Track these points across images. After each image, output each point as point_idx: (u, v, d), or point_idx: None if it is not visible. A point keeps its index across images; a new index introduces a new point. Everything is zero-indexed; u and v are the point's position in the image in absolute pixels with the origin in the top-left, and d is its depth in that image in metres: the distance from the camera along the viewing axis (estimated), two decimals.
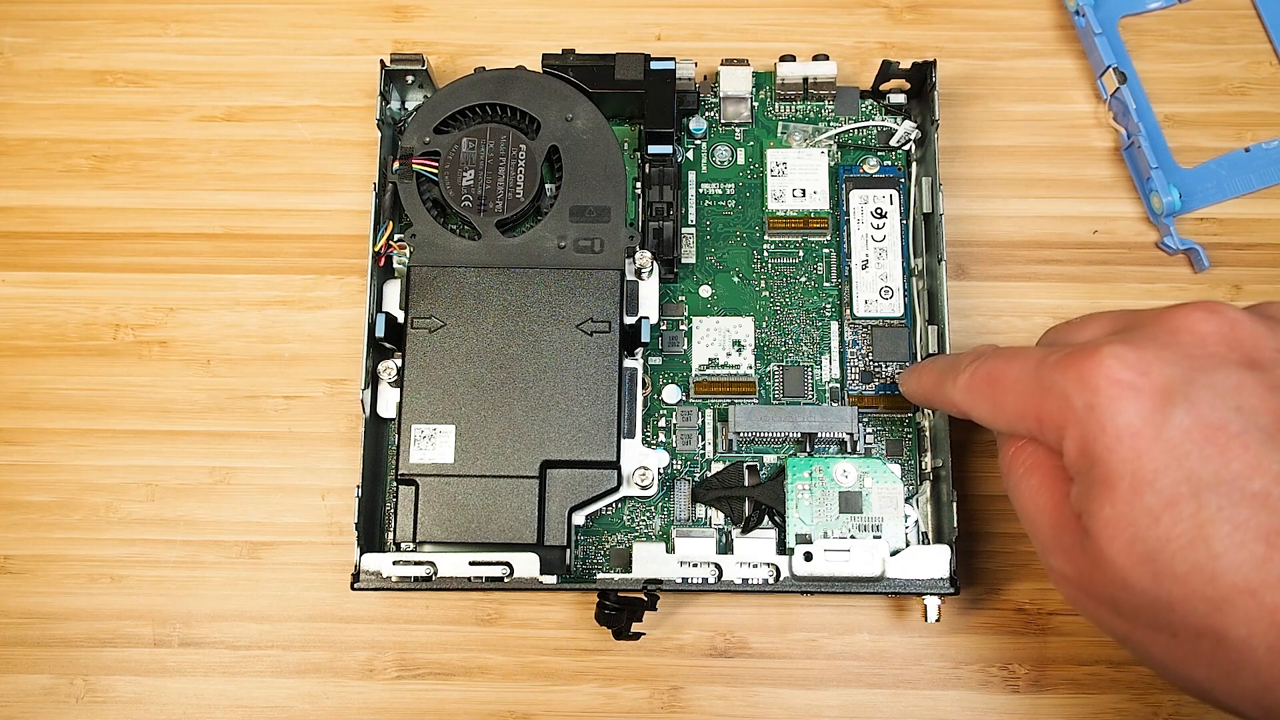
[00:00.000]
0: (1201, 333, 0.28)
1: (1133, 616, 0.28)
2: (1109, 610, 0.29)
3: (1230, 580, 0.25)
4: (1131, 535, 0.27)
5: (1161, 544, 0.26)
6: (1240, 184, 0.45)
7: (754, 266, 0.44)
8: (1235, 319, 0.29)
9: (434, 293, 0.40)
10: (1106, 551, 0.27)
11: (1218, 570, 0.26)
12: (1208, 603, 0.26)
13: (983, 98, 0.46)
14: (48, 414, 0.43)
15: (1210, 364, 0.28)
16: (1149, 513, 0.27)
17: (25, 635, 0.42)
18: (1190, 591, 0.26)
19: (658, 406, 0.42)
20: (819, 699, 0.41)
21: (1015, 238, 0.45)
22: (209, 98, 0.47)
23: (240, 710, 0.41)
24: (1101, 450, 0.27)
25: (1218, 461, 0.26)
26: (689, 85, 0.44)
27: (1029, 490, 0.31)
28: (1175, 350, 0.28)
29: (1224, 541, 0.26)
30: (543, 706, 0.41)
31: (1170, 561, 0.26)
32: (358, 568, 0.39)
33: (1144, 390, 0.27)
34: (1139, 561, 0.27)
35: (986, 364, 0.32)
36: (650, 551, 0.39)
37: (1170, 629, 0.27)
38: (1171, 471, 0.26)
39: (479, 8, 0.48)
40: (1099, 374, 0.28)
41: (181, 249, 0.45)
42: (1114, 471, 0.27)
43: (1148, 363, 0.28)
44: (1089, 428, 0.28)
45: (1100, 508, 0.28)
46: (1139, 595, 0.27)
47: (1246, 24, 0.47)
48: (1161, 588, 0.27)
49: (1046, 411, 0.29)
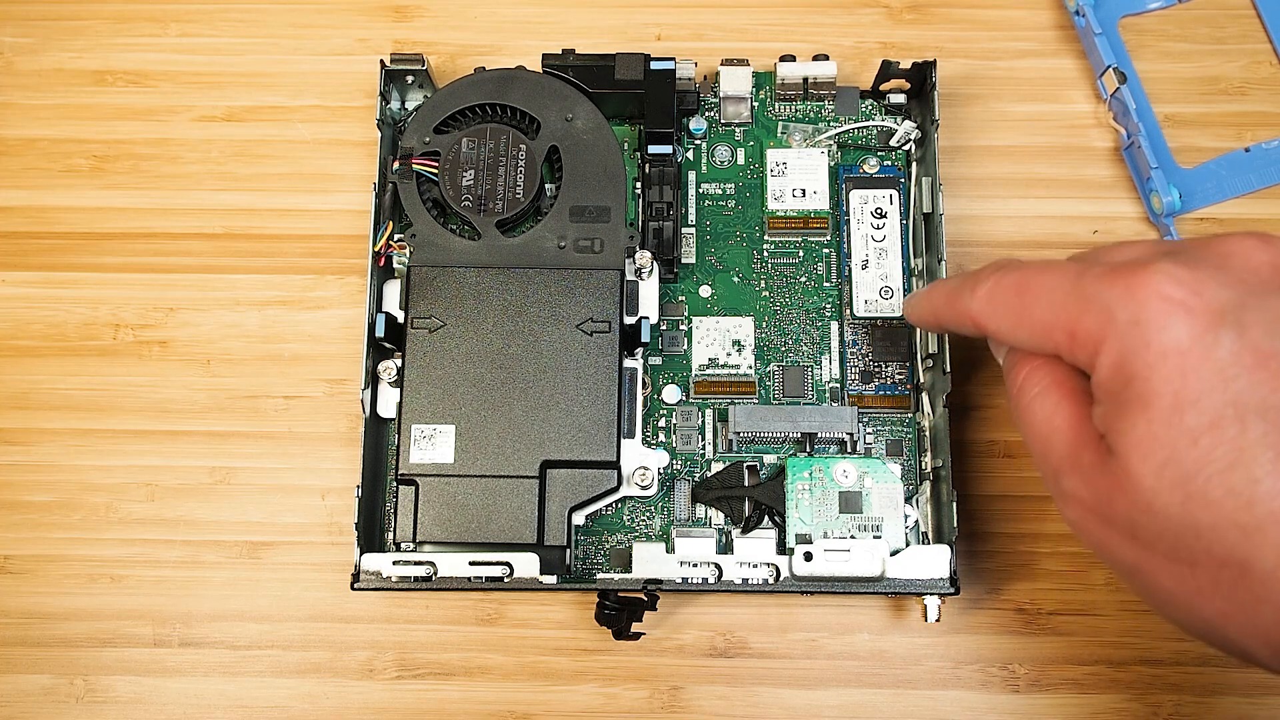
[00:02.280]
0: (1256, 260, 0.28)
1: (1150, 544, 0.27)
2: (1124, 536, 0.28)
3: (1268, 508, 0.25)
4: (1166, 456, 0.26)
5: (1198, 466, 0.26)
6: (1240, 184, 0.45)
7: (754, 266, 0.44)
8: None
9: (434, 293, 0.40)
10: (1135, 472, 0.26)
11: (1255, 496, 0.25)
12: (1239, 530, 0.25)
13: (983, 98, 0.46)
14: (48, 414, 0.44)
15: (1264, 290, 0.27)
16: (1188, 433, 0.26)
17: (25, 635, 0.42)
18: (1222, 517, 0.25)
19: (658, 406, 0.42)
20: (819, 699, 0.41)
21: (1015, 238, 0.45)
22: (209, 98, 0.47)
23: (240, 710, 0.41)
24: (1142, 366, 0.26)
25: (1267, 388, 0.25)
26: (689, 85, 0.44)
27: (1045, 409, 0.30)
28: (1229, 274, 0.27)
29: (1265, 468, 0.25)
30: (543, 706, 0.41)
31: (1205, 485, 0.25)
32: (358, 568, 0.39)
33: (1195, 309, 0.26)
34: (1171, 484, 0.26)
35: (1014, 273, 0.31)
36: (650, 551, 0.39)
37: (1190, 558, 0.26)
38: (1217, 394, 0.26)
39: (479, 8, 0.48)
40: (1149, 288, 0.27)
41: (181, 249, 0.45)
42: (1154, 389, 0.26)
43: (1201, 282, 0.27)
44: (1132, 343, 0.27)
45: (1132, 425, 0.27)
46: (1163, 520, 0.26)
47: (1246, 24, 0.47)
48: (1190, 512, 0.26)
49: (1083, 325, 0.28)
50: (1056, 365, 0.30)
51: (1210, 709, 0.40)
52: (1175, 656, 0.40)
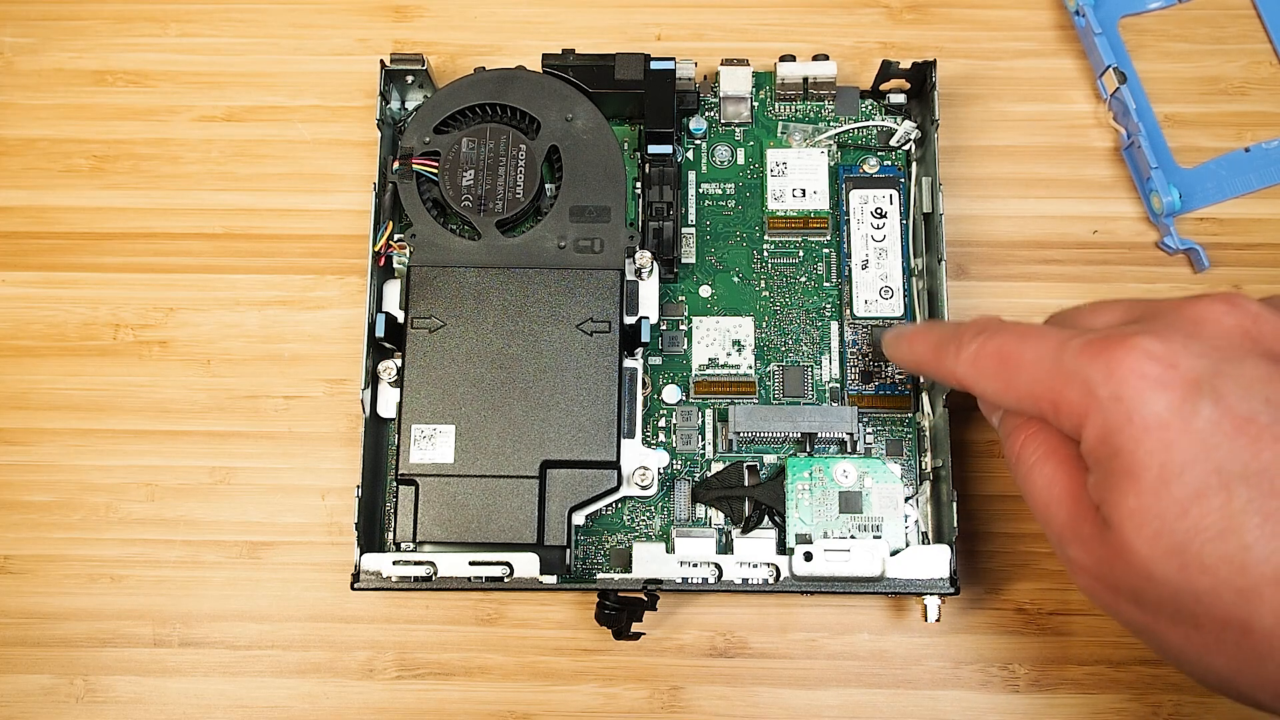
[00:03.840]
0: (1225, 325, 0.28)
1: (1155, 608, 0.28)
2: (1129, 602, 0.28)
3: (1261, 571, 0.25)
4: (1158, 527, 0.27)
5: (1190, 535, 0.26)
6: (1240, 184, 0.45)
7: (754, 266, 0.44)
8: (1257, 313, 0.29)
9: (434, 293, 0.40)
10: (1130, 543, 0.27)
11: (1248, 561, 0.25)
12: (1236, 593, 0.26)
13: (983, 98, 0.46)
14: (48, 414, 0.43)
15: (1236, 356, 0.27)
16: (1177, 504, 0.26)
17: (25, 635, 0.42)
18: (1219, 582, 0.26)
19: (658, 406, 0.42)
20: (819, 699, 0.41)
21: (1015, 238, 0.45)
22: (209, 98, 0.47)
23: (240, 710, 0.41)
24: (1126, 441, 0.27)
25: (1248, 453, 0.26)
26: (689, 85, 0.44)
27: (1043, 479, 0.31)
28: (1201, 342, 0.28)
29: (1255, 533, 0.25)
30: (543, 706, 0.41)
31: (1199, 553, 0.26)
32: (358, 568, 0.39)
33: (1172, 382, 0.27)
34: (1165, 553, 0.26)
35: (996, 339, 0.31)
36: (650, 551, 0.39)
37: (1194, 620, 0.27)
38: (1200, 463, 0.26)
39: (479, 8, 0.48)
40: (1126, 364, 0.27)
41: (181, 249, 0.45)
42: (1139, 462, 0.27)
43: (1175, 354, 0.27)
44: (1114, 417, 0.27)
45: (1123, 498, 0.27)
46: (1163, 586, 0.27)
47: (1246, 24, 0.47)
48: (1188, 579, 0.26)
49: (1066, 398, 0.29)
50: (1052, 432, 0.31)
51: (1210, 709, 0.40)
52: None
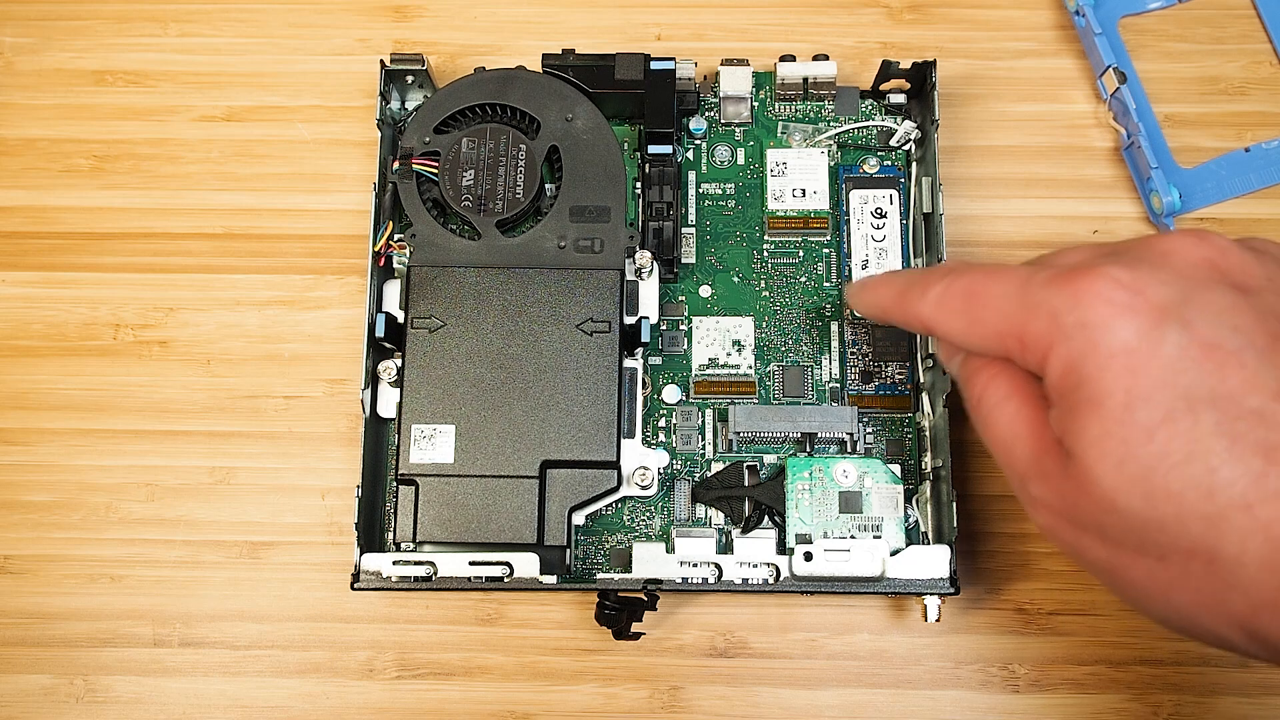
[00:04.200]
0: (1193, 257, 0.28)
1: (1118, 541, 0.27)
2: (1093, 537, 0.28)
3: (1227, 495, 0.25)
4: (1122, 453, 0.26)
5: (1155, 461, 0.26)
6: (1240, 184, 0.45)
7: (754, 266, 0.44)
8: (1224, 246, 0.29)
9: (434, 293, 0.40)
10: (1094, 471, 0.27)
11: (1214, 485, 0.25)
12: (1203, 520, 0.25)
13: (983, 98, 0.46)
14: (48, 414, 0.44)
15: (1204, 285, 0.27)
16: (1142, 430, 0.26)
17: (25, 635, 0.42)
18: (1184, 509, 0.26)
19: (658, 406, 0.42)
20: (819, 699, 0.41)
21: (1015, 238, 0.45)
22: (209, 98, 0.47)
23: (240, 710, 0.41)
24: (1092, 368, 0.27)
25: (1214, 378, 0.26)
26: (689, 85, 0.44)
27: (1006, 417, 0.30)
28: (1169, 271, 0.28)
29: (1221, 456, 0.25)
30: (543, 706, 0.41)
31: (1165, 479, 0.26)
32: (358, 568, 0.39)
33: (1139, 308, 0.27)
34: (1130, 481, 0.26)
35: (964, 278, 0.31)
36: (650, 551, 0.39)
37: (1159, 552, 0.26)
38: (1167, 388, 0.26)
39: (479, 8, 0.48)
40: (1093, 291, 0.27)
41: (181, 249, 0.45)
42: (1105, 389, 0.26)
43: (1143, 281, 0.27)
44: (1079, 345, 0.27)
45: (1087, 427, 0.27)
46: (1128, 517, 0.26)
47: (1246, 24, 0.47)
48: (1154, 507, 0.26)
49: (1032, 329, 0.28)
50: (1014, 371, 0.30)
51: (1210, 709, 0.40)
52: (1175, 656, 0.40)
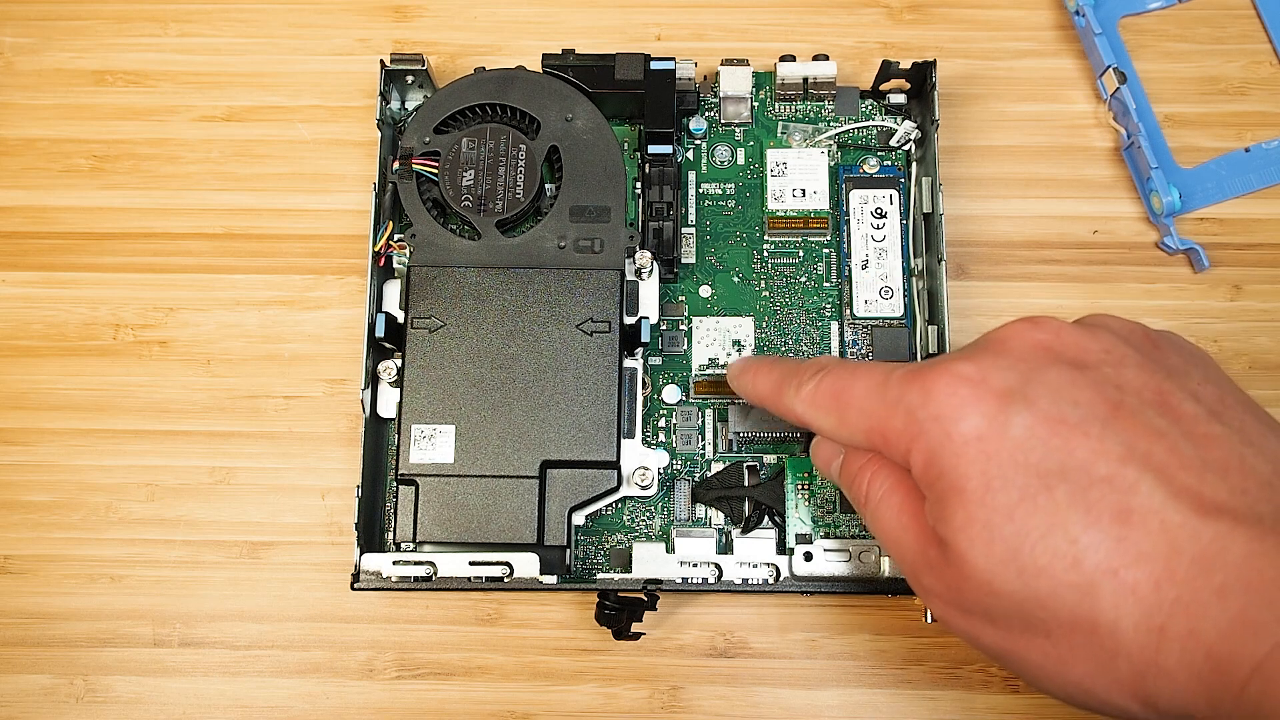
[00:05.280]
0: (1030, 341, 0.29)
1: (1006, 624, 0.28)
2: (983, 622, 0.29)
3: (1092, 562, 0.26)
4: (988, 536, 0.27)
5: (1019, 539, 0.27)
6: (1240, 184, 0.45)
7: (754, 266, 0.44)
8: (1057, 327, 0.30)
9: (434, 293, 0.40)
10: (967, 557, 0.27)
11: (1078, 554, 0.26)
12: (1074, 590, 0.26)
13: (983, 98, 0.46)
14: (48, 414, 0.44)
15: (1042, 366, 0.28)
16: (1003, 510, 0.27)
17: (25, 635, 0.42)
18: (1056, 582, 0.26)
19: (658, 406, 0.42)
20: (819, 699, 0.41)
21: (1015, 238, 0.45)
22: (209, 98, 0.47)
23: (240, 710, 0.41)
24: (949, 457, 0.28)
25: (1062, 451, 0.27)
26: (689, 85, 0.44)
27: (890, 513, 0.31)
28: (1008, 357, 0.29)
29: (1079, 525, 0.26)
30: (543, 706, 0.41)
31: (1031, 554, 0.26)
32: (358, 568, 0.39)
33: (984, 396, 0.28)
34: (1001, 562, 0.27)
35: (830, 377, 0.32)
36: (650, 551, 0.39)
37: (1044, 629, 0.27)
38: (1020, 468, 0.27)
39: (479, 8, 0.48)
40: (940, 384, 0.28)
41: (181, 249, 0.45)
42: (963, 476, 0.27)
43: (985, 371, 0.28)
44: (935, 437, 0.28)
45: (954, 514, 0.28)
46: (1007, 598, 0.27)
47: (1246, 24, 0.47)
48: (1027, 584, 0.27)
49: (892, 426, 0.30)
50: (893, 467, 0.32)
51: None
52: None
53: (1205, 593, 0.25)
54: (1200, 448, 0.27)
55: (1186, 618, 0.25)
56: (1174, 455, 0.26)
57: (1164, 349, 0.30)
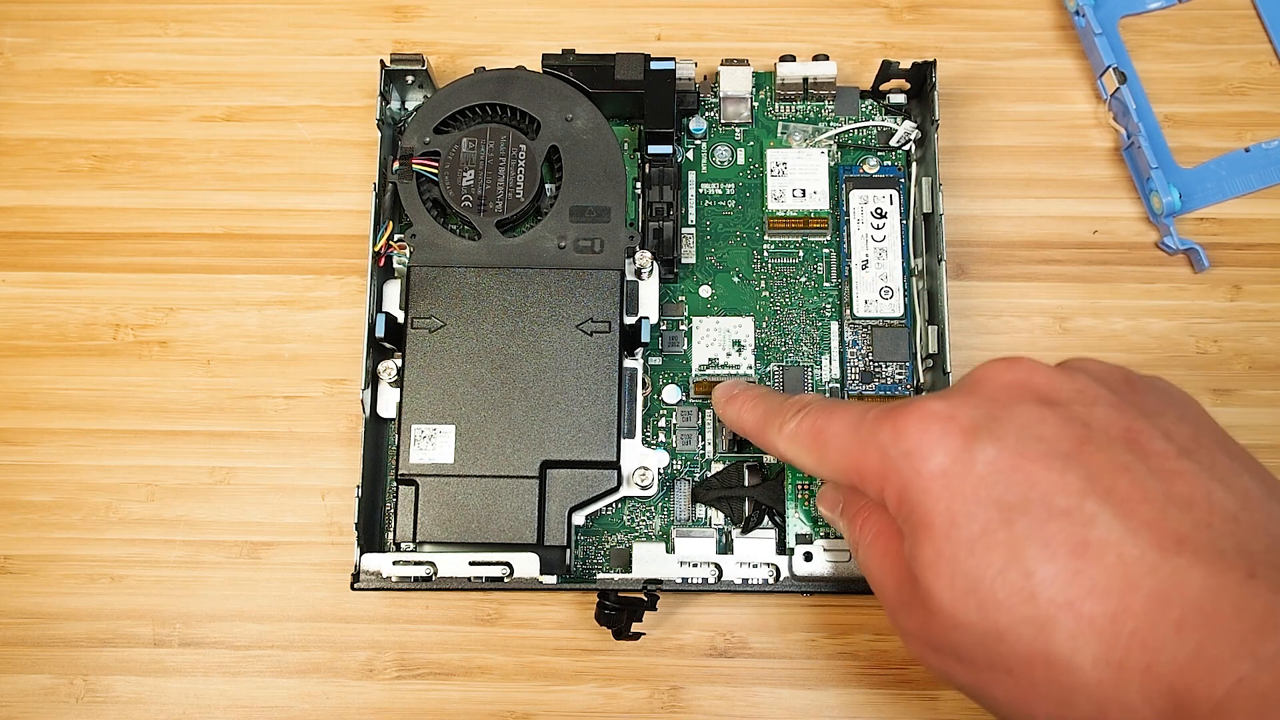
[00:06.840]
0: (1002, 380, 0.30)
1: (971, 660, 0.28)
2: (952, 659, 0.29)
3: (1048, 595, 0.26)
4: (952, 570, 0.27)
5: (979, 572, 0.27)
6: (1240, 184, 0.45)
7: (754, 266, 0.44)
8: (1032, 367, 0.30)
9: (434, 293, 0.40)
10: (933, 591, 0.28)
11: (1034, 588, 0.26)
12: (1032, 625, 0.26)
13: (983, 98, 0.46)
14: (48, 414, 0.44)
15: (1011, 403, 0.29)
16: (964, 544, 0.27)
17: (25, 635, 0.42)
18: (1015, 617, 0.26)
19: (658, 406, 0.42)
20: (819, 699, 0.41)
21: (1015, 238, 0.45)
22: (209, 98, 0.47)
23: (240, 710, 0.41)
24: (918, 493, 0.28)
25: (1024, 485, 0.27)
26: (689, 85, 0.44)
27: (876, 555, 0.32)
28: (978, 396, 0.29)
29: (1036, 558, 0.26)
30: (543, 706, 0.41)
31: (990, 588, 0.26)
32: (358, 568, 0.39)
33: (951, 432, 0.28)
34: (962, 595, 0.27)
35: (810, 416, 0.33)
36: (650, 551, 0.39)
37: (1006, 665, 0.27)
38: (982, 502, 0.27)
39: (479, 8, 0.48)
40: (910, 422, 0.29)
41: (181, 249, 0.45)
42: (930, 511, 0.28)
43: (955, 408, 0.29)
44: (905, 474, 0.29)
45: (923, 549, 0.28)
46: (970, 633, 0.27)
47: (1246, 24, 0.47)
48: (988, 619, 0.27)
49: (867, 464, 0.30)
50: (881, 510, 0.32)
51: None
52: None
53: (1163, 626, 0.24)
54: (1165, 482, 0.26)
55: (1144, 652, 0.24)
56: (1137, 489, 0.26)
57: (1141, 391, 0.30)
